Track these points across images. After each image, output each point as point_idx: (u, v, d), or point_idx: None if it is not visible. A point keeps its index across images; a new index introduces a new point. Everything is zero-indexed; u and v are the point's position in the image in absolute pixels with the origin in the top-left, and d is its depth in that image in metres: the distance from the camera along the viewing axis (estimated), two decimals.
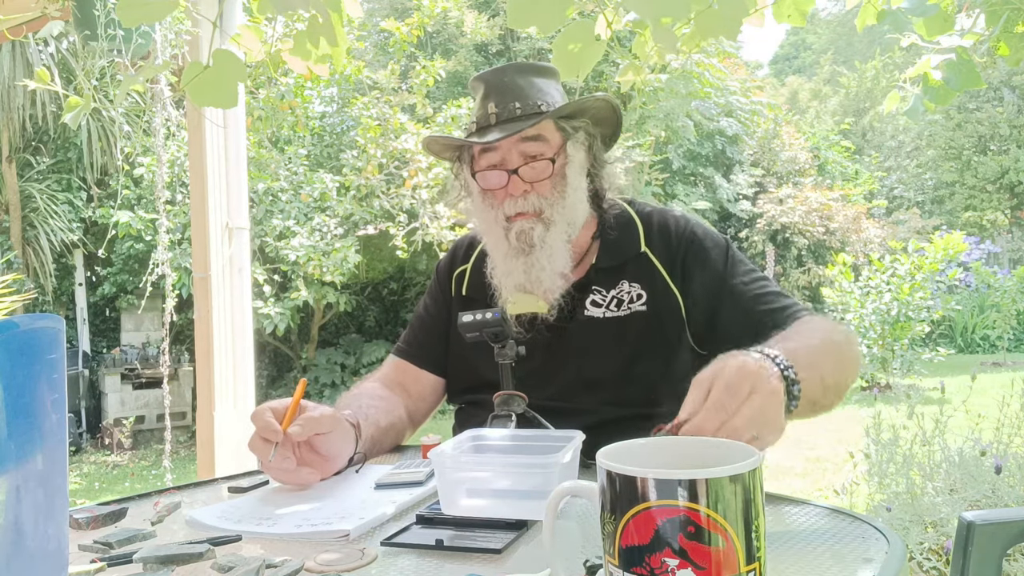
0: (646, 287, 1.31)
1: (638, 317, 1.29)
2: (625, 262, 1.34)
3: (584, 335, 1.30)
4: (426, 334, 1.47)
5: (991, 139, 15.84)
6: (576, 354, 1.30)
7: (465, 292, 1.45)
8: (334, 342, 8.68)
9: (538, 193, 1.28)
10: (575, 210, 1.31)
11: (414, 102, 7.78)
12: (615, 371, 1.28)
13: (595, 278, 1.33)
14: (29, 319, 0.55)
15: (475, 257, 1.47)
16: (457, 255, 1.51)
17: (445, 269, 1.52)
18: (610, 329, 1.29)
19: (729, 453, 0.63)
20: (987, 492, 2.54)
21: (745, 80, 12.55)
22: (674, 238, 1.34)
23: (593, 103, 1.33)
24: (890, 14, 1.90)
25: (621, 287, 1.32)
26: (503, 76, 1.34)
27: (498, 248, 1.32)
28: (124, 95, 2.36)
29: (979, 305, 10.94)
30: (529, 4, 1.41)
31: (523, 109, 1.29)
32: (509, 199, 1.29)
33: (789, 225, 11.23)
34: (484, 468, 0.92)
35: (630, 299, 1.31)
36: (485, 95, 1.33)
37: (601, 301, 1.32)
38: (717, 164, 11.68)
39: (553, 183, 1.29)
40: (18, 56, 6.91)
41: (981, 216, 16.30)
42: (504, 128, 1.28)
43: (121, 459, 7.06)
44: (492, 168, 1.30)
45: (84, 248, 8.02)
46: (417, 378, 1.45)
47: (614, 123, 1.39)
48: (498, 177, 1.30)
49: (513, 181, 1.28)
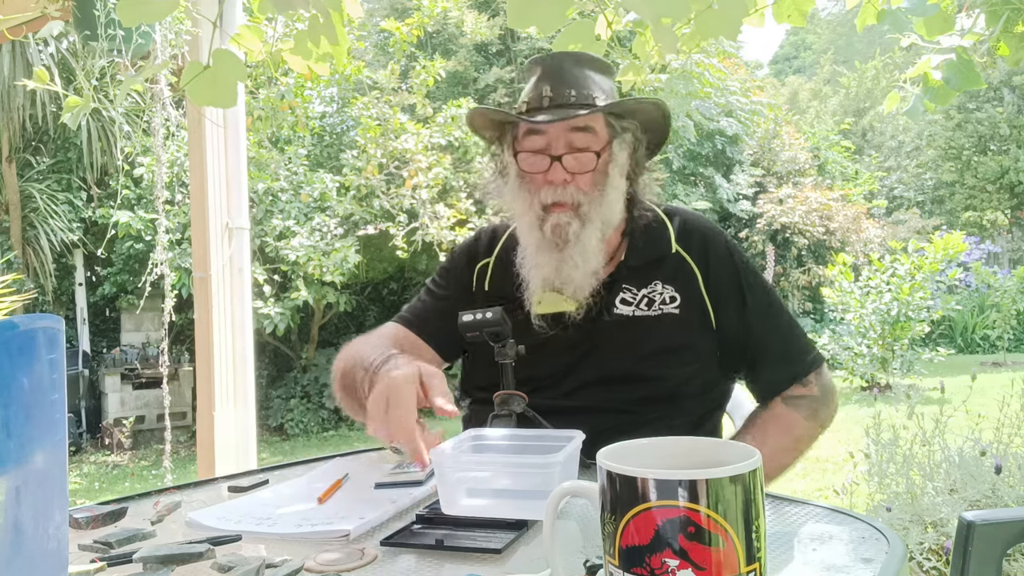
0: (680, 290, 1.31)
1: (669, 319, 1.29)
2: (656, 261, 1.33)
3: (612, 333, 1.29)
4: (436, 315, 1.42)
5: (991, 139, 15.83)
6: (602, 352, 1.29)
7: (488, 287, 1.42)
8: (334, 342, 8.67)
9: (577, 186, 1.26)
10: (612, 209, 1.29)
11: (414, 102, 7.78)
12: (640, 371, 1.27)
13: (624, 276, 1.32)
14: (29, 319, 0.55)
15: (499, 249, 1.43)
16: (479, 246, 1.47)
17: (465, 258, 1.47)
18: (639, 328, 1.28)
19: (729, 453, 0.63)
20: (987, 492, 2.54)
21: (745, 80, 12.54)
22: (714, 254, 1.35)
23: (646, 106, 1.31)
24: (890, 14, 1.90)
25: (654, 287, 1.31)
26: (561, 62, 1.32)
27: (530, 236, 1.29)
28: (124, 95, 2.36)
29: (979, 305, 10.93)
30: (529, 4, 1.41)
31: (577, 98, 1.26)
32: (547, 186, 1.26)
33: (789, 225, 11.22)
34: (484, 468, 0.92)
35: (662, 300, 1.30)
36: (540, 78, 1.30)
37: (631, 299, 1.30)
38: (717, 164, 11.67)
39: (594, 178, 1.27)
40: (18, 56, 6.90)
41: (981, 216, 16.29)
42: (555, 113, 1.25)
43: (121, 459, 7.05)
44: (536, 152, 1.28)
45: (84, 248, 8.01)
46: (417, 347, 1.40)
47: (662, 131, 1.37)
48: (541, 161, 1.27)
49: (555, 168, 1.25)
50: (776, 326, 1.35)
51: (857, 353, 7.59)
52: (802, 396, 1.33)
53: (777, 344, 1.34)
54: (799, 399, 1.33)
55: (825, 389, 1.35)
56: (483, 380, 1.36)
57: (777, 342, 1.35)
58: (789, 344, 1.36)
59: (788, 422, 1.31)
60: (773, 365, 1.34)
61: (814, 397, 1.33)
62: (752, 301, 1.34)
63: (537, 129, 1.27)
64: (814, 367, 1.35)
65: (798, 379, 1.33)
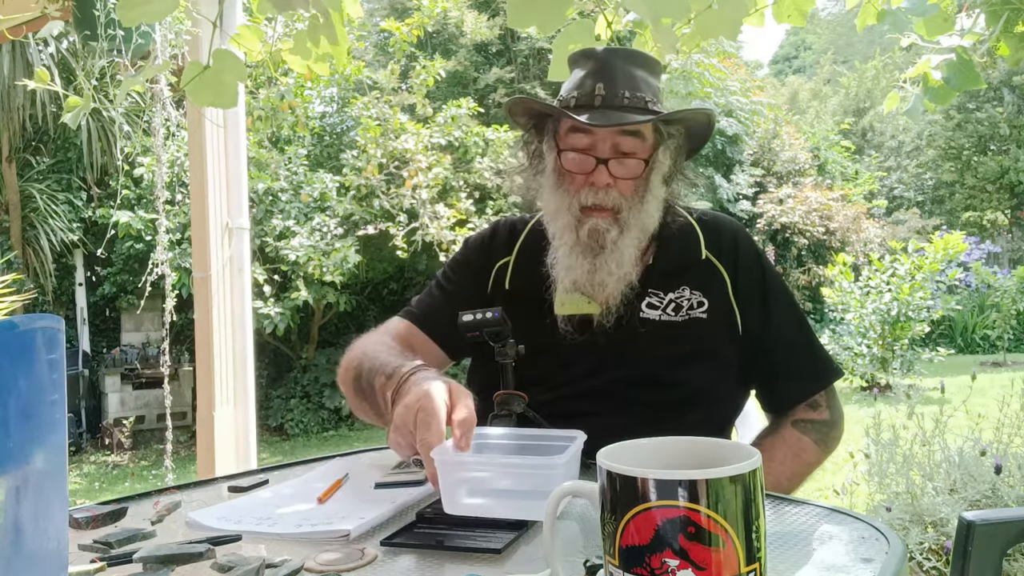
0: (708, 295, 1.29)
1: (696, 323, 1.27)
2: (685, 267, 1.31)
3: (638, 337, 1.27)
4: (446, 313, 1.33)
5: (991, 139, 15.84)
6: (627, 355, 1.27)
7: (509, 286, 1.37)
8: (334, 342, 8.67)
9: (620, 191, 1.23)
10: (651, 217, 1.26)
11: (414, 102, 7.78)
12: (663, 375, 1.25)
13: (651, 280, 1.30)
14: (29, 319, 0.55)
15: (519, 247, 1.40)
16: (496, 244, 1.43)
17: (483, 256, 1.42)
18: (666, 332, 1.26)
19: (729, 453, 0.63)
20: (987, 492, 2.54)
21: (745, 80, 12.55)
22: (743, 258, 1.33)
23: (696, 116, 1.29)
24: (890, 14, 1.90)
25: (682, 292, 1.29)
26: (614, 58, 1.27)
27: (564, 238, 1.25)
28: (124, 95, 2.36)
29: (979, 305, 10.93)
30: (529, 4, 1.41)
31: (630, 100, 1.22)
32: (588, 188, 1.22)
33: (789, 225, 11.23)
34: (484, 468, 0.91)
35: (690, 305, 1.28)
36: (592, 72, 1.25)
37: (658, 304, 1.28)
38: (717, 164, 11.67)
39: (636, 185, 1.24)
40: (18, 56, 6.90)
41: (981, 216, 16.29)
42: (607, 114, 1.21)
43: (121, 459, 7.05)
44: (581, 151, 1.24)
45: (84, 248, 8.01)
46: (425, 344, 1.37)
47: (704, 137, 1.35)
48: (586, 162, 1.23)
49: (600, 171, 1.22)
50: (797, 335, 1.34)
51: (857, 353, 7.59)
52: (812, 420, 1.30)
53: (796, 353, 1.33)
54: (809, 424, 1.30)
55: (835, 413, 1.33)
56: (483, 380, 1.35)
57: (796, 350, 1.33)
58: (808, 353, 1.34)
59: (797, 447, 1.28)
60: (790, 374, 1.32)
61: (825, 422, 1.31)
62: (776, 307, 1.32)
63: (585, 128, 1.23)
64: (832, 379, 1.33)
65: (814, 391, 1.31)
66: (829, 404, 1.32)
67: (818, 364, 1.34)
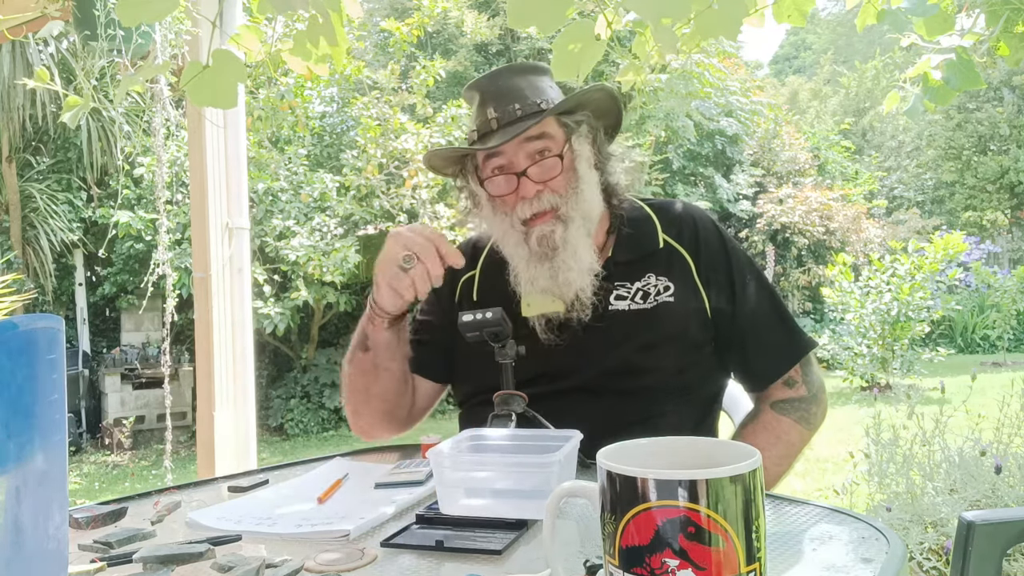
0: (673, 279, 1.31)
1: (665, 308, 1.29)
2: (646, 255, 1.34)
3: (609, 329, 1.29)
4: (425, 345, 1.43)
5: (991, 139, 15.83)
6: (602, 348, 1.29)
7: (477, 298, 1.41)
8: (334, 342, 8.67)
9: (551, 190, 1.26)
10: (590, 204, 1.29)
11: (414, 102, 7.78)
12: (639, 362, 1.27)
13: (614, 272, 1.32)
14: (29, 319, 0.55)
15: (483, 261, 1.43)
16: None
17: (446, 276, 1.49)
18: (637, 321, 1.28)
19: (729, 453, 0.63)
20: (987, 492, 2.54)
21: (745, 80, 12.55)
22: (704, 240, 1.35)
23: (593, 95, 1.32)
24: (890, 14, 1.90)
25: (648, 279, 1.31)
26: (498, 80, 1.33)
27: (518, 254, 1.29)
28: (124, 95, 2.36)
29: (979, 305, 10.94)
30: (529, 4, 1.41)
31: (523, 110, 1.27)
32: (522, 202, 1.26)
33: (789, 225, 11.22)
34: (483, 468, 0.92)
35: (657, 291, 1.30)
36: (482, 102, 1.31)
37: (626, 294, 1.31)
38: (717, 164, 11.67)
39: (565, 179, 1.27)
40: (18, 56, 6.90)
41: (981, 216, 16.29)
42: (506, 131, 1.26)
43: (121, 459, 7.05)
44: (499, 173, 1.28)
45: (84, 248, 8.01)
46: (416, 381, 1.43)
47: (616, 114, 1.38)
48: (507, 182, 1.28)
49: (523, 183, 1.26)
50: (766, 311, 1.34)
51: (857, 353, 7.59)
52: (790, 399, 1.32)
53: (768, 328, 1.34)
54: (787, 403, 1.32)
55: (813, 387, 1.33)
56: (482, 380, 1.36)
57: (766, 326, 1.34)
58: (780, 328, 1.35)
59: (778, 429, 1.31)
60: (761, 350, 1.33)
61: (803, 398, 1.32)
62: (742, 284, 1.34)
63: (494, 152, 1.28)
64: (804, 350, 1.34)
65: (787, 366, 1.32)
66: (805, 379, 1.33)
67: (790, 338, 1.35)
